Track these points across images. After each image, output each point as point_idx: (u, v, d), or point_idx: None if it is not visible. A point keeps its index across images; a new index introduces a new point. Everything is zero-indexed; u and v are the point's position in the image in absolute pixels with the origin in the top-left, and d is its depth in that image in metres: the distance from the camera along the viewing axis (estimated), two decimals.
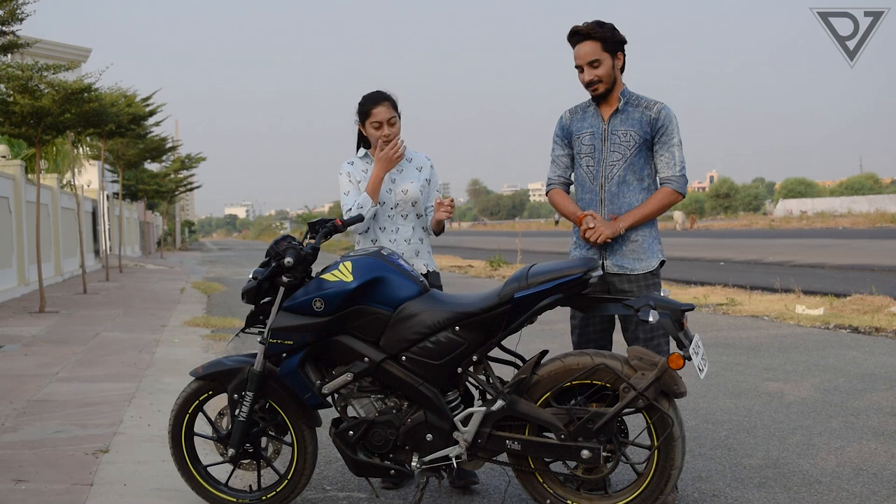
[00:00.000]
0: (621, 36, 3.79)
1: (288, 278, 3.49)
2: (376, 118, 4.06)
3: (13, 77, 11.50)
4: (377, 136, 4.08)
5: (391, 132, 4.07)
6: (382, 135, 4.06)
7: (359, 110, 4.14)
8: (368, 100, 4.11)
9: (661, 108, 3.80)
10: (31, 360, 7.61)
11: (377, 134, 4.07)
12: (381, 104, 4.07)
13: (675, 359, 3.17)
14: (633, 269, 3.80)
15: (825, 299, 11.01)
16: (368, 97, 4.12)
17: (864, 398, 5.73)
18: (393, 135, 4.07)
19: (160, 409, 5.63)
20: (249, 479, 4.05)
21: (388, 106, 4.07)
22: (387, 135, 4.06)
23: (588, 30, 3.74)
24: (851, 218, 50.30)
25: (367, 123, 4.10)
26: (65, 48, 27.46)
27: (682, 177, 3.81)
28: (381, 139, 4.06)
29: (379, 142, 4.08)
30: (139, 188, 32.45)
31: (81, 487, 4.05)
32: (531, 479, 3.43)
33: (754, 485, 4.03)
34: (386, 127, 4.06)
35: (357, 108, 4.16)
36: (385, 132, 4.06)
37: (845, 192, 79.50)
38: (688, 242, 31.48)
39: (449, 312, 3.38)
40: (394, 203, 4.15)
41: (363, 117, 4.11)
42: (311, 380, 3.53)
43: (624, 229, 3.75)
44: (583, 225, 3.78)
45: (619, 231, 3.75)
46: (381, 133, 4.06)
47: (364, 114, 4.10)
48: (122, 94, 17.76)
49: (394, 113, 4.09)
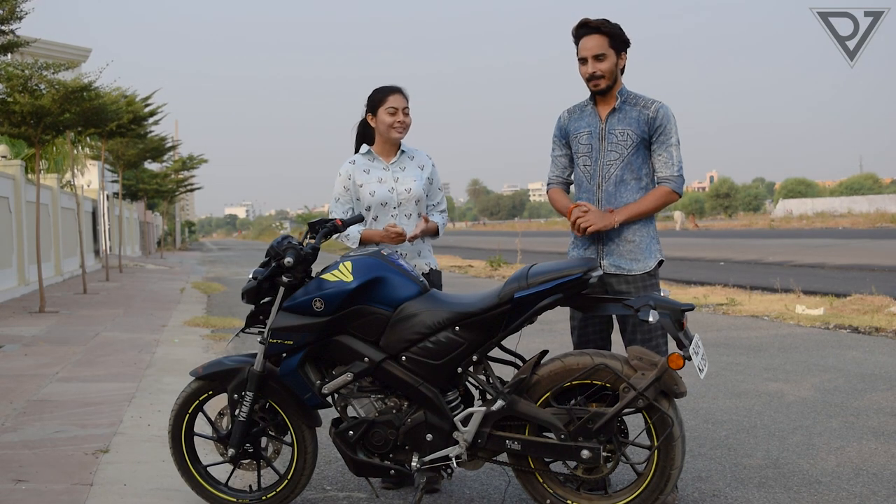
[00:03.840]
0: (626, 37, 3.80)
1: (288, 278, 3.49)
2: (392, 104, 4.13)
3: (13, 76, 11.50)
4: (390, 123, 4.13)
5: (406, 121, 4.15)
6: (397, 121, 4.13)
7: (372, 98, 4.18)
8: (384, 88, 4.17)
9: (659, 107, 3.79)
10: (31, 360, 7.61)
11: (391, 120, 4.13)
12: (398, 93, 4.15)
13: (675, 359, 3.16)
14: (629, 270, 3.79)
15: (825, 299, 11.00)
16: (384, 87, 4.19)
17: (864, 398, 5.73)
18: (406, 125, 4.16)
19: (160, 409, 5.63)
20: (249, 479, 4.05)
21: (403, 95, 4.17)
22: (401, 121, 4.13)
23: (598, 23, 3.76)
24: (851, 218, 50.28)
25: (380, 111, 4.14)
26: (64, 48, 27.42)
27: (679, 177, 3.80)
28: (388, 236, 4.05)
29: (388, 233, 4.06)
30: (139, 188, 32.46)
31: (81, 487, 4.05)
32: (531, 479, 3.43)
33: (754, 485, 4.03)
34: (401, 114, 4.13)
35: (369, 99, 4.20)
36: (400, 118, 4.13)
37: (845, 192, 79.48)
38: (688, 242, 31.49)
39: (449, 312, 3.38)
40: (397, 202, 4.16)
41: (377, 105, 4.16)
42: (311, 380, 3.53)
43: (618, 223, 3.73)
44: (575, 212, 3.76)
45: (612, 223, 3.72)
46: (395, 119, 4.13)
47: (379, 101, 4.15)
48: (121, 93, 17.77)
49: (407, 104, 4.17)
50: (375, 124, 4.19)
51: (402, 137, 4.21)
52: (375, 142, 4.24)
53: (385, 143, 4.22)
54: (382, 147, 4.23)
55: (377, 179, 4.17)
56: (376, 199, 4.14)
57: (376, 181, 4.16)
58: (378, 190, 4.15)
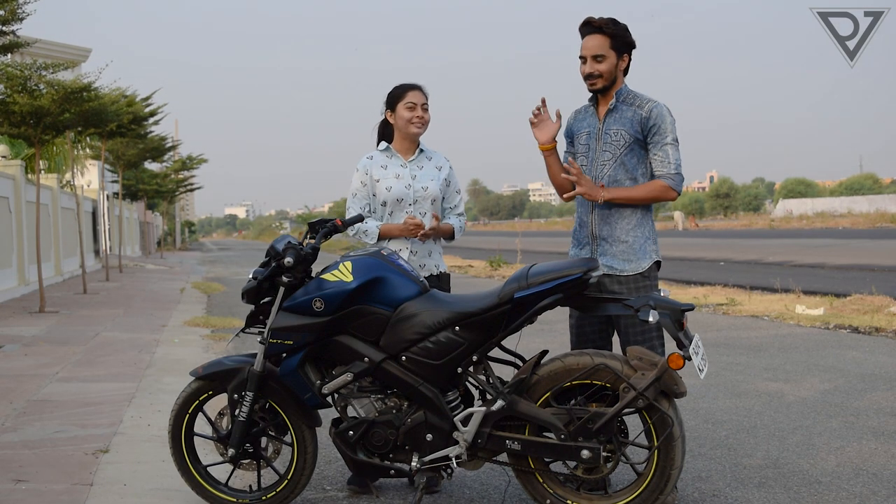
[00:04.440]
0: (631, 39, 3.77)
1: (288, 278, 3.50)
2: (412, 99, 4.14)
3: (12, 76, 11.50)
4: (409, 118, 4.13)
5: (425, 117, 4.17)
6: (416, 116, 4.13)
7: (391, 95, 4.20)
8: (403, 85, 4.20)
9: (653, 106, 3.75)
10: (31, 360, 7.61)
11: (409, 115, 4.13)
12: (417, 90, 4.17)
13: (675, 359, 3.16)
14: (622, 271, 3.76)
15: (825, 299, 11.01)
16: (403, 84, 4.21)
17: (864, 398, 5.73)
18: (425, 121, 4.18)
19: (160, 409, 5.63)
20: (249, 479, 4.05)
21: (422, 92, 4.18)
22: (420, 116, 4.14)
23: (600, 23, 3.74)
24: (851, 218, 50.29)
25: (399, 106, 4.15)
26: (64, 48, 27.42)
27: (677, 174, 3.75)
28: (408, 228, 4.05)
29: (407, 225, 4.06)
30: (139, 188, 32.47)
31: (81, 487, 4.05)
32: (531, 479, 3.43)
33: (754, 485, 4.03)
34: (419, 109, 4.15)
35: (388, 96, 4.21)
36: (419, 114, 4.14)
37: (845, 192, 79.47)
38: (688, 242, 31.49)
39: (449, 312, 3.38)
40: (412, 199, 4.14)
41: (396, 100, 4.17)
42: (311, 380, 3.53)
43: (603, 199, 3.69)
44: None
45: (598, 197, 3.69)
46: (414, 114, 4.14)
47: (398, 97, 4.16)
48: (121, 93, 17.76)
49: (427, 101, 4.20)
50: (394, 121, 4.19)
51: (421, 133, 4.20)
52: (394, 139, 4.23)
53: (404, 141, 4.22)
54: (401, 144, 4.22)
55: (394, 175, 4.16)
56: (392, 195, 4.11)
57: (393, 177, 4.15)
58: (395, 186, 4.13)
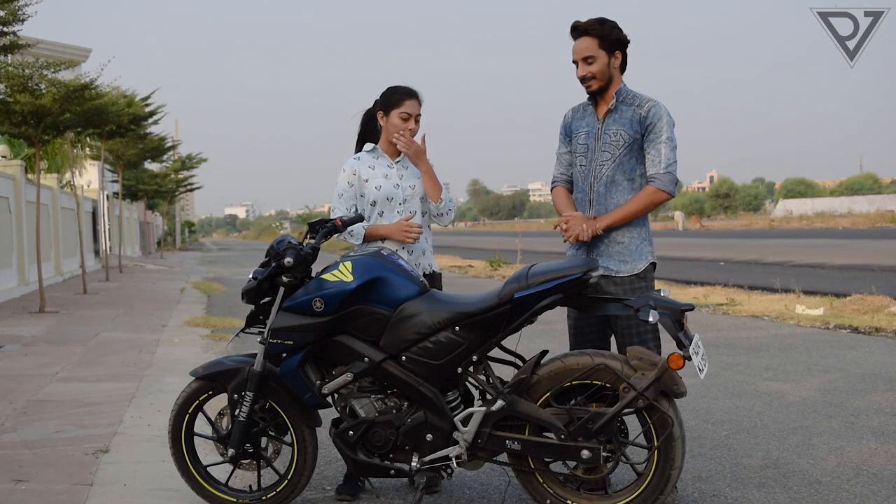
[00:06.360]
0: (622, 35, 3.75)
1: (288, 278, 3.49)
2: (407, 109, 4.04)
3: (13, 76, 11.49)
4: (401, 128, 4.04)
5: (415, 129, 4.08)
6: (408, 128, 4.04)
7: (387, 97, 4.08)
8: (403, 90, 4.07)
9: (652, 106, 3.74)
10: (31, 360, 7.61)
11: (402, 125, 4.04)
12: (415, 98, 4.07)
13: (675, 359, 3.16)
14: (617, 272, 3.75)
15: (825, 299, 11.01)
16: (402, 88, 4.08)
17: (864, 398, 5.73)
18: (414, 133, 4.07)
19: (160, 409, 5.63)
20: (249, 479, 4.05)
21: (419, 101, 4.09)
22: (411, 129, 4.05)
23: (586, 25, 3.73)
24: (851, 218, 50.30)
25: (393, 112, 4.05)
26: (64, 48, 27.39)
27: (667, 174, 3.71)
28: (398, 136, 4.02)
29: (400, 137, 4.01)
30: (139, 188, 32.45)
31: (81, 487, 4.05)
32: (531, 479, 3.43)
33: (754, 485, 4.03)
34: (412, 121, 4.06)
35: (383, 96, 4.10)
36: (411, 126, 4.05)
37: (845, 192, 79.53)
38: (688, 242, 31.49)
39: (449, 312, 3.38)
40: (402, 198, 4.12)
41: (391, 105, 4.06)
42: (311, 380, 3.53)
43: (601, 229, 3.70)
44: (562, 225, 3.75)
45: (596, 231, 3.69)
46: (406, 126, 4.04)
47: (394, 102, 4.05)
48: (121, 94, 17.76)
49: (420, 111, 4.10)
50: (385, 124, 4.10)
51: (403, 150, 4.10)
52: (381, 139, 4.20)
53: (391, 143, 4.18)
54: (388, 146, 4.17)
55: (383, 175, 4.13)
56: (382, 194, 4.09)
57: (382, 176, 4.13)
58: (384, 185, 4.10)
